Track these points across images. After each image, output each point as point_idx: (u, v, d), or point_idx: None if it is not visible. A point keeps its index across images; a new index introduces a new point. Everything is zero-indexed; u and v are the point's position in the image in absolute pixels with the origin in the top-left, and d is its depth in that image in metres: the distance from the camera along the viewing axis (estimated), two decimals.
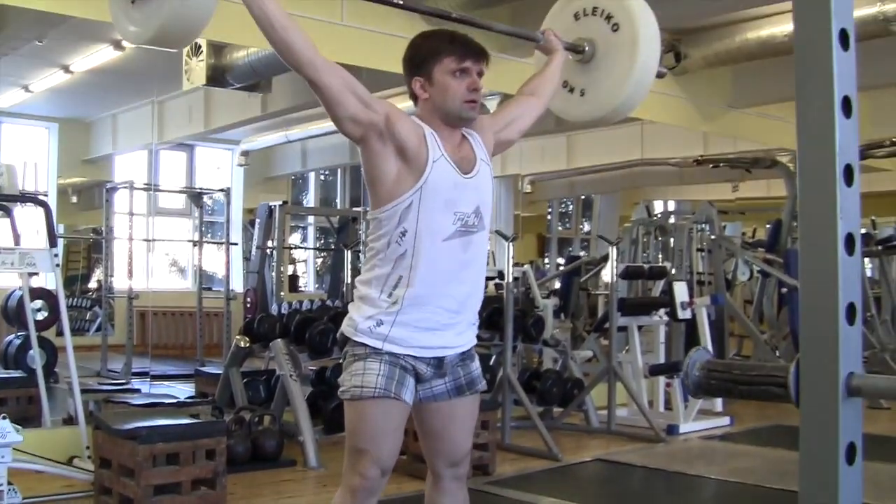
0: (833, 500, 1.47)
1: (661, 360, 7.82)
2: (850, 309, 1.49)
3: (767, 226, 11.88)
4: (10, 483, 4.76)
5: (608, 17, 3.43)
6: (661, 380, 7.80)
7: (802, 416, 1.51)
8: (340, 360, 2.99)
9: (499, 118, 3.21)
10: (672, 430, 7.39)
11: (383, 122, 2.78)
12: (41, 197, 7.51)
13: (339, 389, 2.90)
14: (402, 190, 2.79)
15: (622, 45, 3.40)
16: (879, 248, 10.82)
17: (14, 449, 4.77)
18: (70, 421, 6.07)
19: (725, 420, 7.95)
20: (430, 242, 2.80)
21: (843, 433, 1.47)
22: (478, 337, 6.17)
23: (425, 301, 2.83)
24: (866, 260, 11.50)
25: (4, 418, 4.75)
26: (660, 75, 3.53)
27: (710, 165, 11.55)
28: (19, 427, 4.86)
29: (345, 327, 2.92)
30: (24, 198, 7.11)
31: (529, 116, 3.25)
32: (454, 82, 2.85)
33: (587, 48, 3.47)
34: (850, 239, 1.50)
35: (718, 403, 8.33)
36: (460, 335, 2.95)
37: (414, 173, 2.79)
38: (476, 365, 3.07)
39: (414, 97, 2.93)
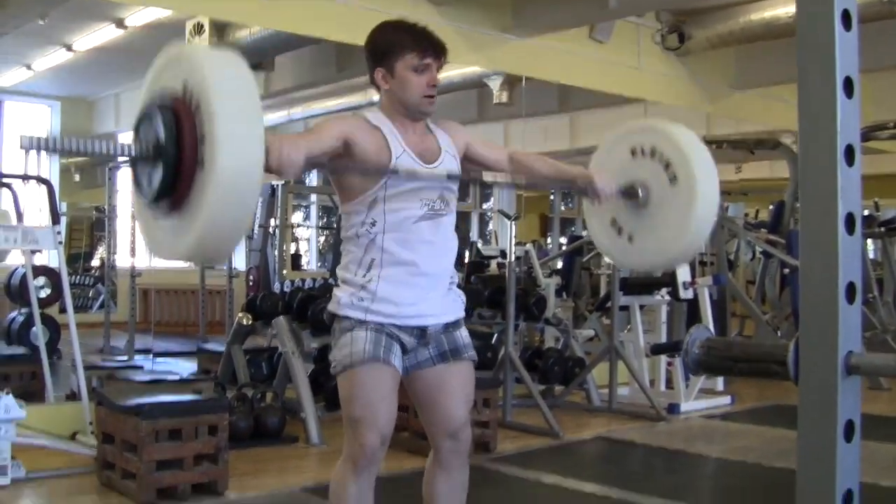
0: (831, 476, 1.48)
1: (663, 339, 7.84)
2: (850, 288, 1.50)
3: (770, 207, 11.87)
4: (13, 458, 4.80)
5: (667, 165, 3.13)
6: (663, 359, 7.82)
7: (801, 393, 1.52)
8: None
9: (478, 147, 3.20)
10: (673, 409, 7.41)
11: (342, 147, 2.87)
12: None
13: (331, 367, 2.98)
14: (367, 187, 2.90)
15: (678, 202, 3.09)
16: (882, 229, 10.81)
17: (18, 424, 4.81)
18: (73, 397, 6.10)
19: (726, 399, 7.97)
20: (398, 228, 2.92)
21: (842, 411, 1.49)
22: (479, 315, 6.39)
23: (397, 279, 2.94)
24: (869, 241, 11.51)
25: (8, 394, 4.79)
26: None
27: (713, 146, 11.49)
28: (23, 403, 4.90)
29: (330, 305, 3.02)
30: (27, 176, 7.11)
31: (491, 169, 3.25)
32: (414, 77, 2.92)
33: (641, 194, 3.18)
34: (850, 219, 1.50)
35: (719, 383, 8.36)
36: (441, 306, 3.03)
37: (379, 161, 2.89)
38: (462, 334, 3.12)
39: (376, 86, 2.99)
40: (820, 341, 1.49)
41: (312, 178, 14.04)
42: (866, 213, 10.82)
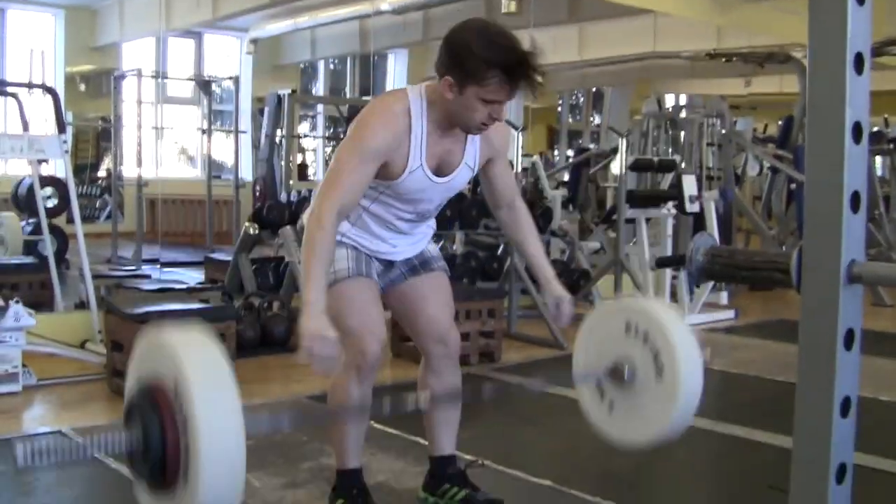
0: (829, 384, 1.50)
1: (668, 252, 7.85)
2: (855, 197, 1.49)
3: (779, 122, 11.79)
4: (24, 365, 4.86)
5: (655, 355, 3.08)
6: (668, 272, 7.84)
7: (803, 301, 1.53)
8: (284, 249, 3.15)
9: (498, 166, 3.11)
10: None
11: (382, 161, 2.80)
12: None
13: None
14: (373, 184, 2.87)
15: (659, 396, 3.07)
16: (891, 146, 10.76)
17: (28, 332, 4.86)
18: (82, 306, 6.15)
19: (730, 313, 8.01)
20: (381, 215, 2.98)
21: (843, 319, 1.50)
22: (485, 226, 6.36)
23: (369, 238, 3.02)
24: (877, 158, 11.45)
25: (18, 302, 4.83)
26: None
27: (723, 59, 11.41)
28: (32, 311, 4.94)
29: (305, 216, 3.02)
30: (32, 84, 7.08)
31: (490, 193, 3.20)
32: (480, 108, 2.72)
33: (627, 376, 3.12)
34: (857, 127, 1.50)
35: (723, 297, 8.40)
36: (409, 251, 3.14)
37: (388, 176, 2.84)
38: (429, 248, 3.22)
39: (439, 77, 2.76)
40: (823, 249, 1.49)
41: (319, 88, 13.95)
42: (875, 129, 10.76)
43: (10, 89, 7.38)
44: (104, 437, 2.30)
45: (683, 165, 8.87)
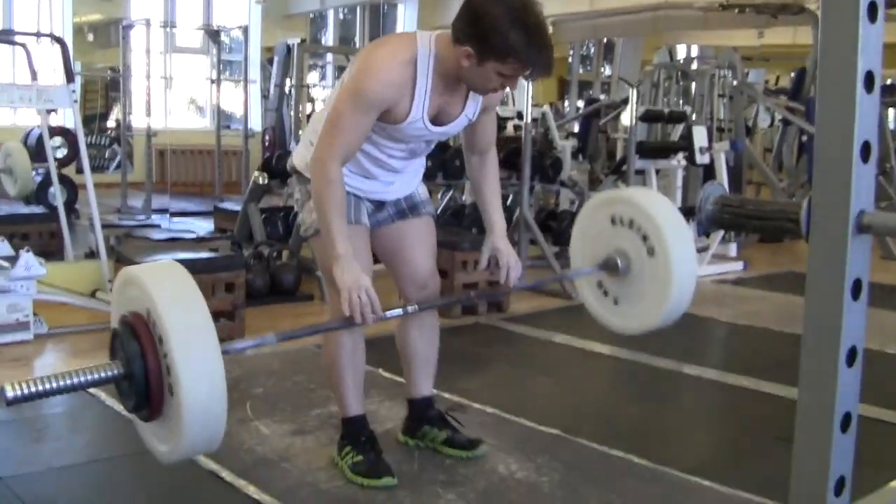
0: (836, 332, 1.50)
1: (678, 203, 7.84)
2: (865, 147, 1.49)
3: (791, 74, 11.70)
4: (35, 314, 4.90)
5: (644, 238, 3.16)
6: None
7: (811, 250, 1.53)
8: (293, 199, 3.25)
9: (486, 114, 3.08)
10: None
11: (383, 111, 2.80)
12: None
13: (301, 230, 3.14)
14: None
15: (656, 276, 3.14)
16: None
17: (38, 282, 4.89)
18: (92, 255, 6.17)
19: (739, 265, 8.01)
20: (374, 153, 2.97)
21: (851, 269, 1.49)
22: None
23: (360, 177, 3.02)
24: (890, 111, 11.36)
25: (28, 251, 4.85)
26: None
27: (736, 10, 11.28)
28: (42, 260, 4.97)
29: (296, 160, 3.15)
30: (41, 34, 7.05)
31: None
32: (496, 78, 2.71)
33: (621, 265, 3.20)
34: (869, 77, 1.48)
35: (732, 249, 8.39)
36: (400, 191, 3.16)
37: (387, 120, 2.83)
38: (418, 192, 3.23)
39: (455, 41, 2.72)
40: (832, 198, 1.49)
41: (328, 38, 13.88)
42: (889, 82, 10.66)
43: (18, 39, 7.34)
44: (91, 372, 2.37)
45: (694, 117, 8.83)
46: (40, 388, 2.33)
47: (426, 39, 2.80)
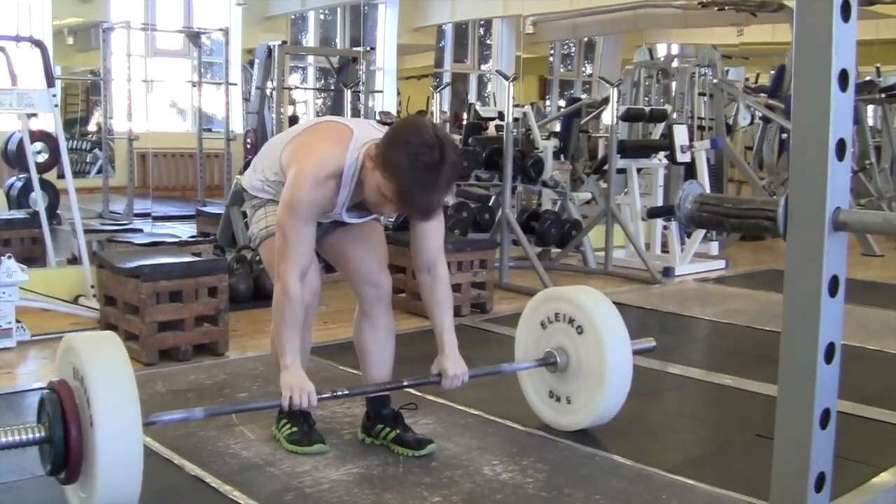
0: (815, 329, 1.52)
1: (660, 202, 7.87)
2: (840, 145, 1.50)
3: (771, 71, 11.74)
4: (18, 321, 4.87)
5: (570, 321, 3.52)
6: (659, 222, 7.88)
7: (789, 248, 1.55)
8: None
9: (429, 226, 3.17)
10: (668, 272, 7.49)
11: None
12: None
13: (250, 243, 3.43)
14: None
15: (591, 347, 3.45)
16: (883, 95, 10.71)
17: (21, 288, 4.87)
18: (74, 261, 6.15)
19: (721, 263, 8.05)
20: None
21: (828, 266, 1.51)
22: (477, 177, 6.42)
23: None
24: (869, 108, 11.42)
25: (10, 258, 4.83)
26: (649, 349, 3.72)
27: (716, 8, 11.33)
28: (25, 267, 4.94)
29: (243, 181, 3.39)
30: (20, 38, 7.01)
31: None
32: (377, 194, 2.89)
33: (559, 359, 3.53)
34: (843, 75, 1.50)
35: (714, 247, 8.43)
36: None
37: None
38: None
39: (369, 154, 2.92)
40: (809, 196, 1.50)
41: (309, 40, 13.86)
42: (867, 78, 10.71)
43: None
44: (13, 434, 2.57)
45: (675, 115, 8.86)
46: None
47: (360, 146, 2.99)
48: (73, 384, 2.62)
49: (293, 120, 12.61)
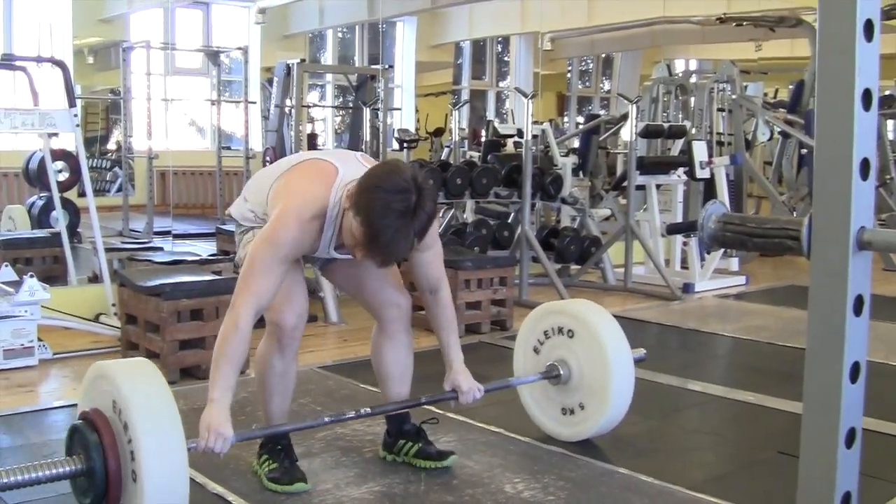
0: (839, 349, 1.51)
1: (679, 219, 7.86)
2: (864, 164, 1.50)
3: (790, 87, 11.71)
4: (40, 339, 4.90)
5: (560, 330, 3.62)
6: (678, 238, 7.86)
7: (813, 268, 1.54)
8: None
9: (425, 253, 3.19)
10: (688, 288, 7.47)
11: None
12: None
13: (236, 268, 3.33)
14: None
15: (587, 343, 3.53)
16: None
17: (42, 306, 4.89)
18: (95, 279, 6.19)
19: (741, 279, 8.02)
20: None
21: (852, 286, 1.50)
22: (496, 194, 6.44)
23: None
24: (889, 122, 11.37)
25: (32, 276, 4.86)
26: (641, 359, 3.70)
27: (734, 24, 11.32)
28: (46, 285, 4.97)
29: (232, 210, 3.35)
30: (42, 58, 7.07)
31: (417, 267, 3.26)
32: (349, 236, 2.86)
33: (562, 371, 3.59)
34: (867, 94, 1.50)
35: (734, 263, 8.40)
36: None
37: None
38: None
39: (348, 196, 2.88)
40: (832, 216, 1.50)
41: (328, 57, 13.92)
42: (887, 92, 10.68)
43: (19, 63, 7.36)
44: (47, 468, 2.53)
45: (694, 131, 8.85)
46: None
47: (344, 184, 2.94)
48: (108, 414, 2.58)
49: (312, 138, 12.68)
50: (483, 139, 10.86)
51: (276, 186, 3.08)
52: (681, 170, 7.88)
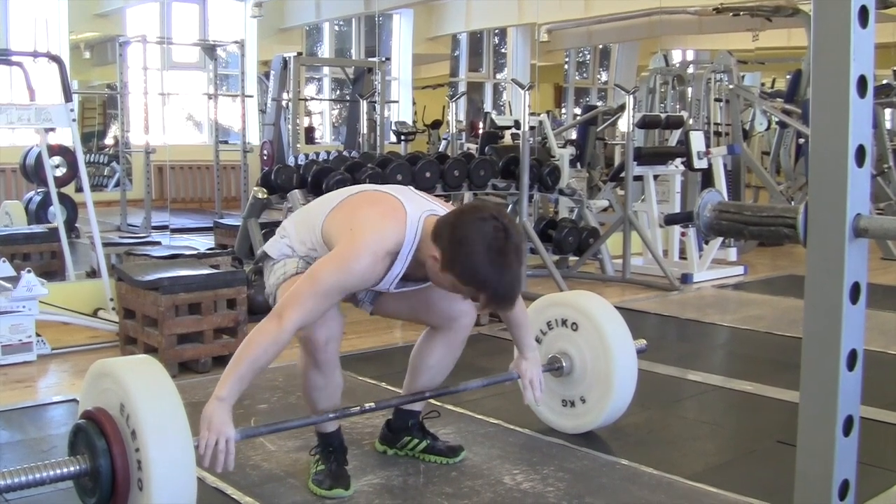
0: (836, 338, 1.51)
1: (677, 209, 7.85)
2: (860, 151, 1.50)
3: (787, 76, 11.71)
4: (38, 335, 4.90)
5: (564, 322, 3.62)
6: (676, 229, 7.85)
7: (809, 256, 1.54)
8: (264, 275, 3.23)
9: None
10: (686, 278, 7.47)
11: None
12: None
13: (269, 299, 3.10)
14: None
15: (591, 337, 3.53)
16: None
17: (41, 302, 4.89)
18: (93, 274, 6.18)
19: (739, 269, 8.02)
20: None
21: (849, 273, 1.50)
22: (493, 186, 6.42)
23: None
24: (886, 111, 11.37)
25: (29, 272, 4.86)
26: (641, 350, 3.69)
27: (731, 14, 11.31)
28: (44, 281, 4.97)
29: (267, 247, 3.19)
30: (38, 53, 7.05)
31: None
32: (451, 288, 2.80)
33: (564, 363, 3.59)
34: (862, 81, 1.49)
35: (732, 253, 8.40)
36: None
37: None
38: None
39: (433, 242, 2.78)
40: (829, 203, 1.49)
41: (324, 51, 13.90)
42: (884, 81, 10.66)
43: (15, 58, 7.36)
44: (52, 468, 2.51)
45: (691, 121, 8.84)
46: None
47: (416, 221, 2.85)
48: (114, 415, 2.54)
49: (309, 131, 12.68)
50: (480, 131, 10.86)
51: (336, 219, 2.95)
52: (678, 160, 7.87)
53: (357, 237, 2.80)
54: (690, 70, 10.66)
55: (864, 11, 1.48)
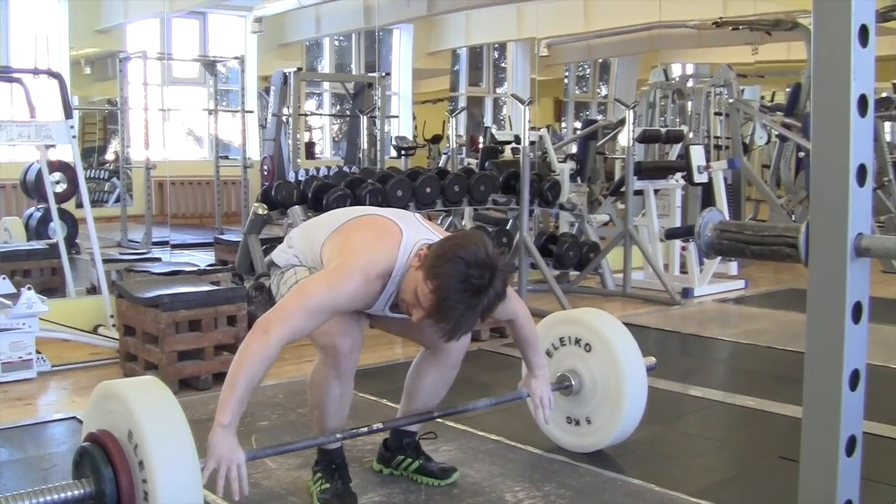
0: (839, 356, 1.50)
1: (677, 223, 7.85)
2: (861, 170, 1.49)
3: (787, 90, 11.72)
4: (38, 352, 4.89)
5: (576, 341, 3.60)
6: (677, 243, 7.85)
7: (811, 275, 1.54)
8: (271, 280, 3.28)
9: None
10: (687, 293, 7.46)
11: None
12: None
13: (274, 295, 3.15)
14: None
15: (602, 359, 3.52)
16: None
17: (41, 318, 4.88)
18: (93, 291, 6.17)
19: (740, 283, 8.02)
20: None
21: (851, 292, 1.50)
22: (494, 201, 6.39)
23: None
24: (886, 124, 11.37)
25: (29, 289, 4.85)
26: (651, 368, 3.67)
27: (730, 28, 11.34)
28: (44, 297, 4.96)
29: (274, 255, 3.25)
30: (38, 70, 7.07)
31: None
32: (413, 298, 2.77)
33: (573, 381, 3.58)
34: (863, 100, 1.49)
35: (733, 267, 8.39)
36: None
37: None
38: None
39: (418, 260, 2.79)
40: (830, 223, 1.49)
41: (324, 66, 13.93)
42: (883, 94, 10.68)
43: (15, 75, 7.37)
44: (57, 492, 2.45)
45: (691, 135, 8.85)
46: None
47: (411, 245, 2.86)
48: (120, 439, 2.50)
49: (310, 146, 12.69)
50: (481, 146, 10.87)
51: (334, 242, 2.98)
52: (679, 174, 7.87)
53: (349, 258, 2.83)
54: (690, 84, 10.66)
55: (864, 30, 1.48)
